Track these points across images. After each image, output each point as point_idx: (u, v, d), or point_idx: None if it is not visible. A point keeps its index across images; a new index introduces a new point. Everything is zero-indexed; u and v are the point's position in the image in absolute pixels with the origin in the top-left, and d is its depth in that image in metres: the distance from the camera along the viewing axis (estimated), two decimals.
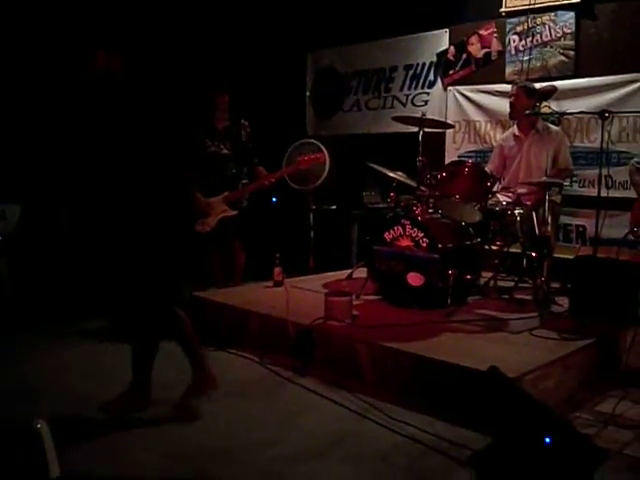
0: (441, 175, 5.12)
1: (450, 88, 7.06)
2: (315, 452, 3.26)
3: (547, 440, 2.82)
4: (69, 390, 4.00)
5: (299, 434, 3.45)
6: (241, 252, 6.14)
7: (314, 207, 7.28)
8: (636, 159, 4.43)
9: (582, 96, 5.99)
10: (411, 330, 4.36)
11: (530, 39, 6.37)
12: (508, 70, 6.58)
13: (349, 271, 6.06)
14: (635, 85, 5.69)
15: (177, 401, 3.67)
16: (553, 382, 3.77)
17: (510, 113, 5.67)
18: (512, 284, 5.31)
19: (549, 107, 6.13)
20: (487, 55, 6.77)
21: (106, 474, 2.98)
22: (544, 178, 5.01)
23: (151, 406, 3.73)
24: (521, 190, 5.33)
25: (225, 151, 5.95)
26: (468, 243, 5.17)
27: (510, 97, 5.61)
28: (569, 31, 6.12)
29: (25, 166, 6.06)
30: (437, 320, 4.59)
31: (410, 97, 7.45)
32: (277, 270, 5.70)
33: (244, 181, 6.05)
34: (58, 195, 6.06)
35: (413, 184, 5.40)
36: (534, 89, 5.53)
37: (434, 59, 7.19)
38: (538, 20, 6.31)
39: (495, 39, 6.69)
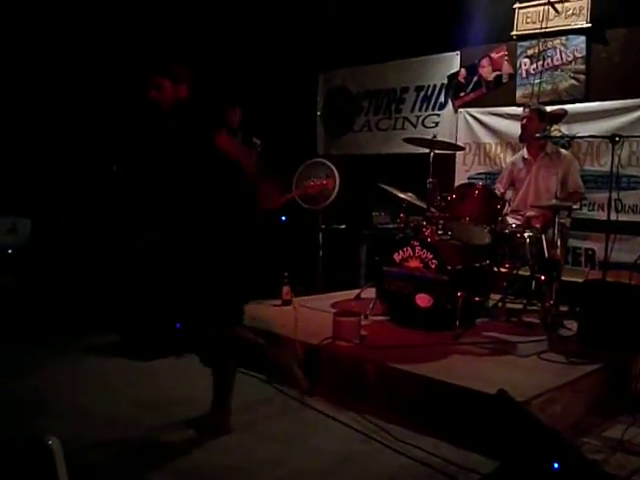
0: (451, 197, 5.13)
1: (461, 110, 7.10)
2: (322, 472, 3.26)
3: (555, 466, 2.81)
4: (76, 406, 4.00)
5: (307, 454, 3.45)
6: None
7: (323, 226, 7.30)
8: None
9: (592, 120, 6.01)
10: (419, 351, 4.36)
11: (541, 62, 6.41)
12: (519, 93, 6.61)
13: (357, 291, 6.06)
14: None
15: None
16: (561, 406, 3.75)
17: (520, 135, 5.69)
18: (521, 307, 5.31)
19: (559, 130, 6.15)
20: (498, 78, 6.81)
21: None
22: (554, 201, 5.02)
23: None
24: (530, 213, 5.34)
25: None
26: (477, 265, 5.17)
27: (522, 119, 5.63)
28: (580, 55, 6.15)
29: (37, 180, 6.11)
30: (445, 342, 4.58)
31: (421, 118, 7.49)
32: (285, 289, 5.71)
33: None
34: (72, 209, 6.10)
35: (423, 205, 5.42)
36: (545, 112, 5.55)
37: (445, 81, 7.24)
38: (549, 44, 6.35)
39: (506, 62, 6.73)
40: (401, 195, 5.52)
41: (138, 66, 4.07)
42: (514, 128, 5.89)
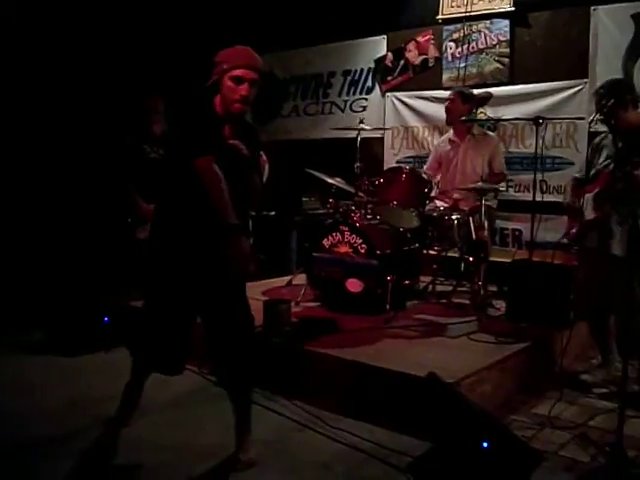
0: (379, 181, 5.14)
1: (388, 94, 7.12)
2: (256, 462, 3.21)
3: (484, 444, 2.84)
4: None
5: None
6: None
7: (253, 213, 7.21)
8: (577, 174, 4.49)
9: (517, 102, 6.11)
10: (350, 337, 4.35)
11: (466, 46, 6.47)
12: (445, 76, 6.66)
13: (289, 278, 6.03)
14: (568, 92, 5.83)
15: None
16: (491, 386, 3.81)
17: (446, 118, 5.74)
18: (450, 288, 5.37)
19: (485, 113, 6.22)
20: (424, 62, 6.85)
21: None
22: (480, 184, 5.08)
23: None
24: (457, 195, 5.39)
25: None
26: (406, 249, 5.20)
27: (446, 102, 5.67)
28: (504, 39, 6.23)
29: None
30: (376, 326, 4.59)
31: (348, 103, 7.48)
32: None
33: None
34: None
35: (352, 190, 5.41)
36: (470, 95, 5.59)
37: (372, 65, 7.25)
38: (474, 27, 6.41)
39: (432, 46, 6.76)
40: (329, 180, 5.51)
41: None
42: (441, 111, 5.92)
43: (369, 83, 7.30)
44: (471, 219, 5.08)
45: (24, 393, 4.10)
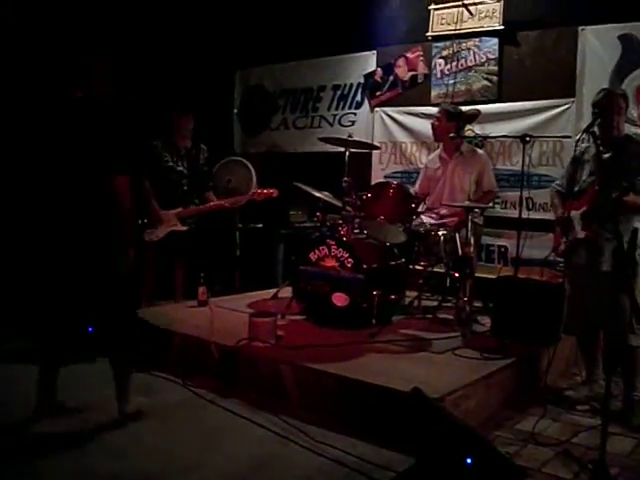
0: (366, 196, 5.14)
1: (377, 109, 7.14)
2: (239, 477, 3.21)
3: (468, 460, 2.85)
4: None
5: (222, 458, 3.38)
6: (182, 269, 6.24)
7: (240, 225, 7.23)
8: (557, 182, 4.54)
9: (504, 120, 6.14)
10: (335, 351, 4.34)
11: (455, 63, 6.51)
12: (434, 93, 6.70)
13: (275, 290, 6.02)
14: (555, 111, 5.87)
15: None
16: (475, 402, 3.81)
17: (433, 135, 5.78)
18: (436, 304, 5.38)
19: (472, 130, 6.25)
20: (413, 78, 6.88)
21: None
22: (467, 202, 5.10)
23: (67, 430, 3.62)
24: (444, 211, 5.42)
25: (181, 168, 6.11)
26: (393, 263, 5.21)
27: (433, 120, 5.72)
28: (493, 57, 6.28)
29: None
30: (361, 340, 4.59)
31: (337, 117, 7.51)
32: (201, 289, 5.62)
33: (196, 201, 6.21)
34: None
35: (339, 204, 5.43)
36: (456, 112, 5.60)
37: (362, 80, 7.27)
38: (463, 45, 6.46)
39: (421, 62, 6.80)
40: (317, 194, 5.52)
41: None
42: (429, 127, 5.92)
43: (358, 98, 7.33)
44: (457, 235, 5.11)
45: (9, 399, 4.09)
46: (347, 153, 5.45)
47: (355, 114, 7.36)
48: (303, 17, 7.38)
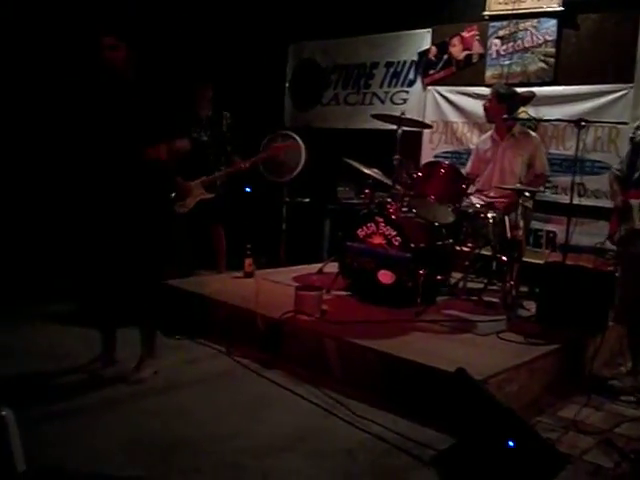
0: (417, 175, 5.13)
1: (429, 88, 7.08)
2: (280, 446, 3.26)
3: (510, 443, 2.86)
4: (30, 372, 3.96)
5: (265, 428, 3.45)
6: (221, 236, 6.29)
7: (288, 199, 7.28)
8: (616, 166, 4.46)
9: (559, 104, 6.04)
10: (380, 328, 4.38)
11: (512, 44, 6.41)
12: (488, 73, 6.61)
13: (320, 265, 6.05)
14: (612, 96, 5.76)
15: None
16: (518, 386, 3.81)
17: (485, 117, 5.73)
18: (481, 286, 5.35)
19: (526, 112, 6.17)
20: (468, 57, 6.80)
21: (69, 465, 2.93)
22: (518, 185, 5.05)
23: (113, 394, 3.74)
24: (493, 193, 5.37)
25: (205, 138, 6.13)
26: (440, 243, 5.20)
27: (484, 101, 5.66)
28: (550, 38, 6.17)
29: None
30: (406, 319, 4.60)
31: (389, 95, 7.46)
32: (248, 261, 5.69)
33: (222, 168, 6.20)
34: (31, 176, 5.96)
35: (388, 182, 5.41)
36: (507, 94, 5.51)
37: (415, 58, 7.21)
38: (521, 25, 6.35)
39: (477, 42, 6.72)
40: (367, 171, 5.51)
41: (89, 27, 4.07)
42: (482, 108, 5.88)
43: (411, 76, 7.27)
44: (507, 218, 5.06)
45: (52, 360, 4.21)
46: (399, 131, 5.43)
47: (407, 92, 7.30)
48: None
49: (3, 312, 4.98)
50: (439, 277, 5.13)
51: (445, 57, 6.97)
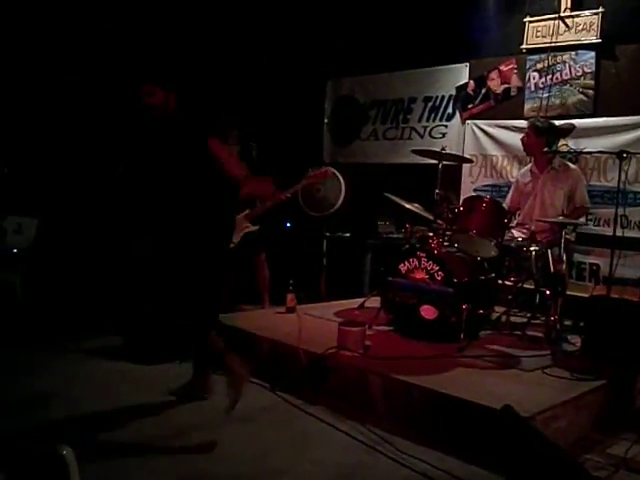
0: (458, 209, 5.14)
1: (468, 122, 7.11)
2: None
3: None
4: (78, 410, 4.01)
5: (309, 464, 3.44)
6: (265, 267, 6.34)
7: (328, 234, 7.32)
8: None
9: (600, 135, 6.02)
10: (424, 363, 4.36)
11: (550, 76, 6.42)
12: (527, 106, 6.62)
13: (361, 300, 6.06)
14: None
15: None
16: (565, 422, 3.75)
17: (524, 150, 5.73)
18: (525, 320, 5.31)
19: (567, 145, 6.16)
20: (506, 91, 6.82)
21: None
22: (560, 218, 5.02)
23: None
24: (535, 227, 5.35)
25: None
26: (482, 278, 5.18)
27: (522, 135, 5.67)
28: (589, 70, 6.16)
29: (43, 180, 6.12)
30: (449, 354, 4.58)
31: (428, 129, 7.50)
32: (290, 296, 5.72)
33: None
34: (77, 210, 6.11)
35: (429, 216, 5.43)
36: (544, 127, 5.50)
37: (453, 92, 7.25)
38: (558, 58, 6.36)
39: (515, 75, 6.74)
40: (407, 205, 5.53)
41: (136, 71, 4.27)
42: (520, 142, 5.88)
43: (449, 110, 7.31)
44: (549, 251, 5.04)
45: (100, 397, 4.27)
46: (440, 166, 5.45)
47: (446, 126, 7.34)
48: (395, 28, 7.39)
49: (46, 347, 5.08)
50: (482, 311, 5.10)
51: (483, 91, 7.00)
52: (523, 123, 6.26)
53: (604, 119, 6.06)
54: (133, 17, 6.36)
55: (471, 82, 7.09)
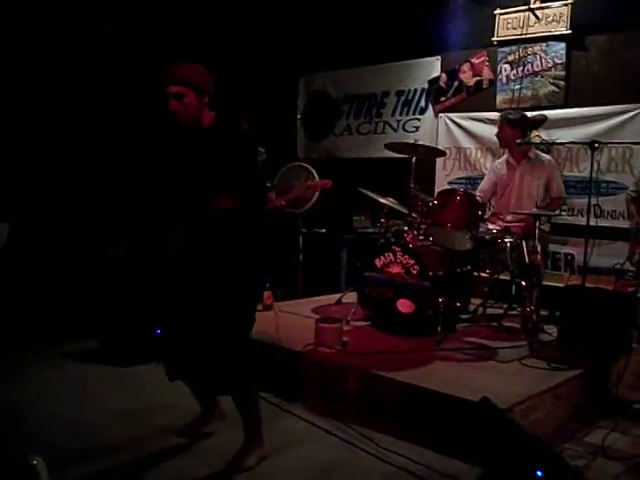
0: (433, 203, 5.14)
1: (441, 115, 7.12)
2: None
3: (539, 473, 2.82)
4: (56, 415, 3.96)
5: (289, 462, 3.44)
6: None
7: (304, 230, 7.29)
8: (631, 188, 4.46)
9: (572, 126, 6.06)
10: (401, 358, 4.35)
11: (521, 68, 6.45)
12: (499, 98, 6.65)
13: (338, 295, 6.04)
14: (624, 116, 5.77)
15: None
16: (543, 413, 3.77)
17: (499, 143, 5.74)
18: (501, 312, 5.33)
19: (539, 136, 6.19)
20: (478, 83, 6.84)
21: None
22: (535, 210, 5.05)
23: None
24: (509, 218, 5.37)
25: None
26: (458, 270, 5.19)
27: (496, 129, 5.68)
28: (560, 62, 6.20)
29: (16, 184, 6.02)
30: (427, 348, 4.58)
31: (401, 123, 7.51)
32: (267, 294, 5.68)
33: None
34: (51, 215, 6.03)
35: (404, 210, 5.43)
36: (517, 119, 5.52)
37: (426, 86, 7.26)
38: (529, 50, 6.39)
39: (487, 67, 6.76)
40: (382, 200, 5.52)
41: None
42: (494, 133, 5.89)
43: (422, 104, 7.32)
44: (524, 242, 5.06)
45: (79, 401, 4.22)
46: (414, 159, 5.45)
47: (419, 120, 7.35)
48: (367, 23, 7.38)
49: (21, 352, 5.02)
50: (458, 304, 5.12)
51: (455, 84, 7.01)
52: (496, 115, 6.28)
53: (575, 110, 6.10)
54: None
55: (443, 75, 7.10)
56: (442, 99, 7.12)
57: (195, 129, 3.34)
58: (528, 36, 6.35)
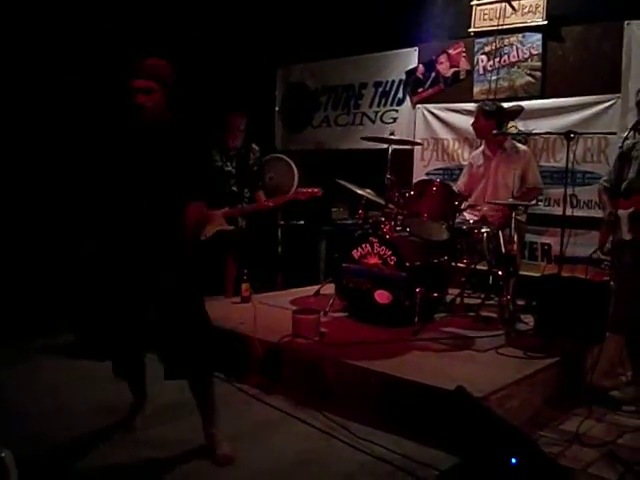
0: (409, 193, 5.14)
1: (419, 106, 7.12)
2: (281, 472, 3.25)
3: (513, 460, 2.84)
4: (34, 410, 3.91)
5: (265, 454, 3.43)
6: (233, 267, 6.19)
7: (282, 222, 7.28)
8: (604, 178, 4.49)
9: (548, 116, 6.08)
10: (378, 348, 4.36)
11: (498, 59, 6.46)
12: (476, 89, 6.66)
13: (316, 287, 6.05)
14: (600, 107, 5.80)
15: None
16: (519, 401, 3.80)
17: (475, 134, 5.76)
18: (478, 301, 5.36)
19: (516, 127, 6.21)
20: (455, 74, 6.85)
21: None
22: (511, 200, 5.07)
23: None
24: (486, 208, 5.39)
25: (229, 168, 6.11)
26: (435, 261, 5.20)
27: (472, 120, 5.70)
28: (536, 52, 6.22)
29: None
30: (404, 338, 4.60)
31: (379, 114, 7.50)
32: (244, 286, 5.68)
33: (245, 201, 6.17)
34: (24, 208, 5.96)
35: (381, 202, 5.43)
36: (493, 110, 5.53)
37: (403, 77, 7.25)
38: (506, 41, 6.40)
39: (464, 58, 6.77)
40: (359, 191, 5.53)
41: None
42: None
43: (400, 95, 7.32)
44: (501, 233, 5.08)
45: (51, 395, 4.17)
46: (389, 150, 5.45)
47: (397, 111, 7.35)
48: (344, 14, 7.36)
49: None
50: (436, 294, 5.13)
51: (432, 75, 7.01)
52: (473, 106, 6.27)
53: (552, 100, 6.12)
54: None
55: (420, 66, 7.10)
56: (419, 90, 7.12)
57: (160, 124, 3.38)
58: (504, 27, 6.37)
